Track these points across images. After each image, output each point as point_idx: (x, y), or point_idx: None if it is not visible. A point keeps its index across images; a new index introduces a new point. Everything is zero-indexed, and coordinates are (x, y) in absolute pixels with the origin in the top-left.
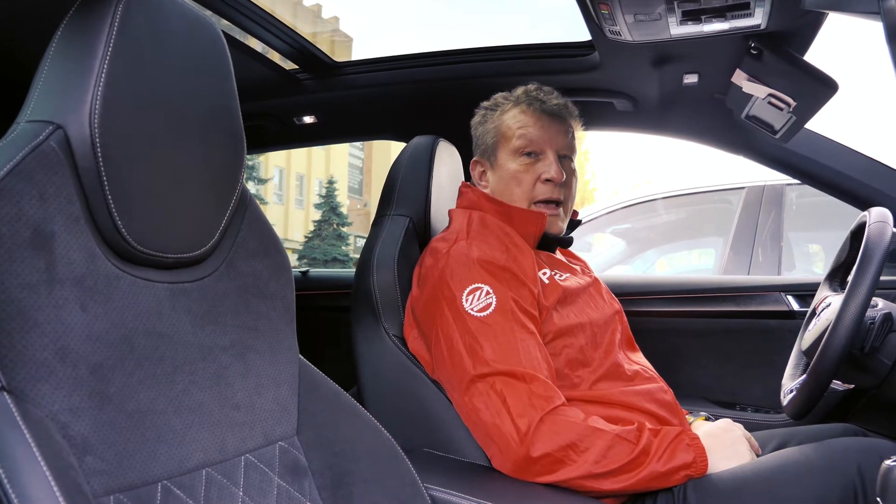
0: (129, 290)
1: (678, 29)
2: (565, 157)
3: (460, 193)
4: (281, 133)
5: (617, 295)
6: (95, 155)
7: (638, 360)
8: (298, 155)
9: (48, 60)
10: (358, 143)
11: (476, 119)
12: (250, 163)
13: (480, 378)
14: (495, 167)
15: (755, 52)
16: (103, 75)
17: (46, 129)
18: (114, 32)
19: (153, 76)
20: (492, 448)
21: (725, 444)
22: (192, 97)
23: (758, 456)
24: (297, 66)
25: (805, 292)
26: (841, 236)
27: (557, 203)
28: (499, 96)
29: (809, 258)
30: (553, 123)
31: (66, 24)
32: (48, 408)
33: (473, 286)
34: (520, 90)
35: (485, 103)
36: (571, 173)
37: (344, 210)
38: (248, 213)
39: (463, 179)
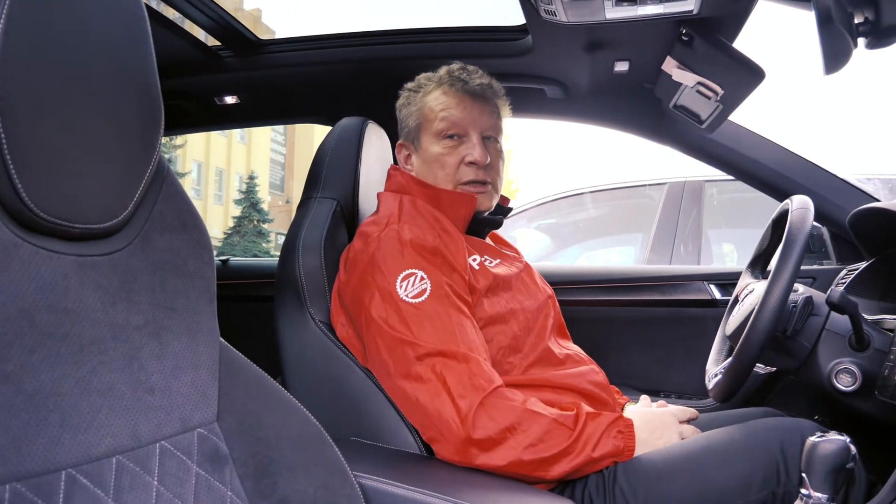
0: (30, 260)
1: (613, 11)
2: (490, 137)
3: (389, 176)
4: (201, 114)
5: None
6: None
7: (568, 347)
8: (218, 149)
9: None
10: (280, 139)
11: (400, 101)
12: (167, 156)
13: (419, 360)
14: (419, 150)
15: (686, 39)
16: (1, 20)
17: None
18: None
19: (59, 26)
20: (431, 431)
21: (654, 433)
22: (104, 53)
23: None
24: (219, 43)
25: (726, 281)
26: (754, 234)
27: (484, 182)
28: (422, 77)
29: (722, 258)
30: (476, 104)
31: None
32: None
33: (407, 272)
34: (443, 70)
35: (408, 85)
36: (497, 154)
37: (265, 206)
38: (165, 185)
39: (392, 163)
